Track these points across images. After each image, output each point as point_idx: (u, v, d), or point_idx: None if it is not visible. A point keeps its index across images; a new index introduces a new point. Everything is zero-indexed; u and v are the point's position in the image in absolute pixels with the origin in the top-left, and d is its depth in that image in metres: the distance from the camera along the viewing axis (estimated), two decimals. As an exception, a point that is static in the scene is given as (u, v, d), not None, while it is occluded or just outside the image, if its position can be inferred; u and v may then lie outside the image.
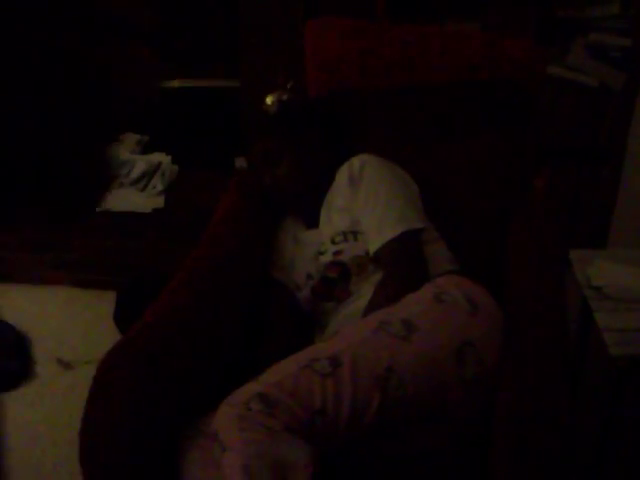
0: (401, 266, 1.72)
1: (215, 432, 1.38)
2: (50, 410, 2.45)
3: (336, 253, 1.82)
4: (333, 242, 1.84)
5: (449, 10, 2.89)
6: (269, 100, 2.70)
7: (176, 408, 1.55)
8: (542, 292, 1.60)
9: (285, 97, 2.70)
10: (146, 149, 3.11)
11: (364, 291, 1.76)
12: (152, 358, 1.56)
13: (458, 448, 1.52)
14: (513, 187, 2.02)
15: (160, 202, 2.80)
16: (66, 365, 2.63)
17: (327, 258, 1.84)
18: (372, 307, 1.65)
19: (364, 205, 1.82)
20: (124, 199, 2.82)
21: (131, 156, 3.02)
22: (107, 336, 2.61)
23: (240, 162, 2.93)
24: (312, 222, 1.97)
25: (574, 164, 2.30)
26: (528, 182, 2.06)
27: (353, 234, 1.83)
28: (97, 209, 2.80)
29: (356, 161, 1.88)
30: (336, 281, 1.81)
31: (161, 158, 2.99)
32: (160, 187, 2.83)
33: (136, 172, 2.90)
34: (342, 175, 1.89)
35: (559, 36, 2.83)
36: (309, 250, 1.92)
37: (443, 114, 2.13)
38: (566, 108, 2.79)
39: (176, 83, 3.24)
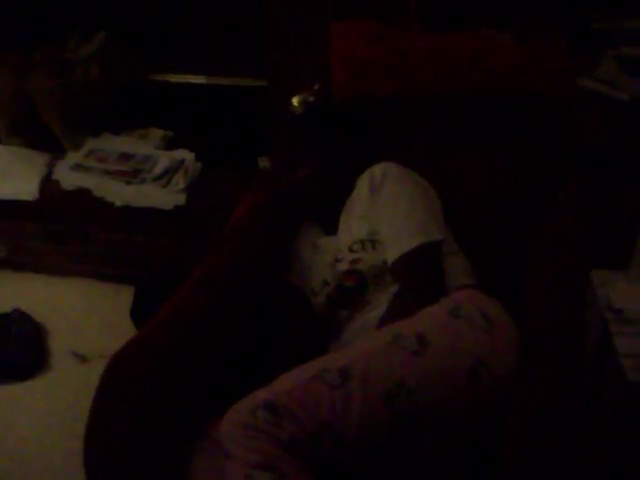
0: (418, 278, 1.70)
1: (220, 438, 1.37)
2: (62, 403, 2.46)
3: (353, 261, 1.80)
4: (351, 250, 1.82)
5: (482, 17, 2.86)
6: (295, 101, 2.68)
7: (184, 410, 1.55)
8: (560, 312, 1.58)
9: (311, 99, 2.68)
10: (170, 145, 3.11)
11: (380, 301, 1.74)
12: (163, 358, 1.57)
13: (468, 465, 1.50)
14: (537, 201, 2.00)
15: (181, 199, 2.79)
16: (81, 358, 2.63)
17: (344, 266, 1.82)
18: (387, 319, 1.64)
19: (383, 214, 1.80)
20: (146, 194, 2.81)
21: (155, 151, 3.01)
22: (124, 331, 2.61)
23: (263, 162, 2.91)
24: (331, 228, 1.96)
25: (600, 179, 2.26)
26: (553, 196, 2.03)
27: (371, 243, 1.81)
28: (118, 203, 2.79)
29: (377, 169, 1.86)
30: (352, 290, 1.79)
31: (185, 155, 2.97)
32: (182, 184, 2.82)
33: (159, 168, 2.89)
34: (363, 183, 1.87)
35: (590, 48, 2.79)
36: (326, 257, 1.90)
37: (470, 124, 2.10)
38: (595, 121, 2.76)
39: (203, 79, 3.24)
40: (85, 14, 3.16)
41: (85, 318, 2.85)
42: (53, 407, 2.45)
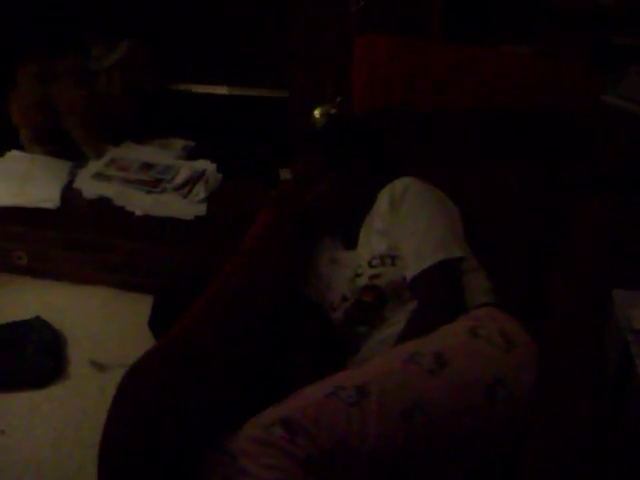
0: (437, 296, 1.69)
1: (235, 453, 1.37)
2: (80, 411, 2.46)
3: (372, 277, 1.80)
4: (370, 265, 1.82)
5: (504, 32, 2.85)
6: (317, 113, 2.69)
7: (200, 423, 1.54)
8: (580, 333, 1.56)
9: (333, 111, 2.68)
10: (191, 155, 3.12)
11: (399, 317, 1.73)
12: (179, 370, 1.56)
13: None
14: (558, 218, 1.98)
15: (202, 210, 2.79)
16: (99, 367, 2.63)
17: (363, 281, 1.81)
18: (405, 336, 1.62)
19: (403, 230, 1.79)
20: (166, 204, 2.82)
21: (176, 161, 3.02)
22: (143, 340, 2.62)
23: (285, 173, 2.91)
24: (350, 243, 1.96)
25: (622, 196, 2.24)
26: (574, 214, 2.02)
27: (391, 258, 1.80)
28: (139, 213, 2.81)
29: (398, 184, 1.86)
30: (371, 305, 1.78)
31: (206, 165, 2.98)
32: (203, 195, 2.82)
33: (180, 178, 2.90)
34: (383, 197, 1.87)
35: (613, 64, 2.78)
36: (346, 271, 1.90)
37: (491, 140, 2.09)
38: (617, 137, 2.74)
39: (225, 90, 3.25)
40: (109, 24, 3.18)
41: (104, 327, 2.86)
42: (70, 415, 2.46)
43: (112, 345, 2.75)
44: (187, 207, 2.82)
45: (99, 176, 2.97)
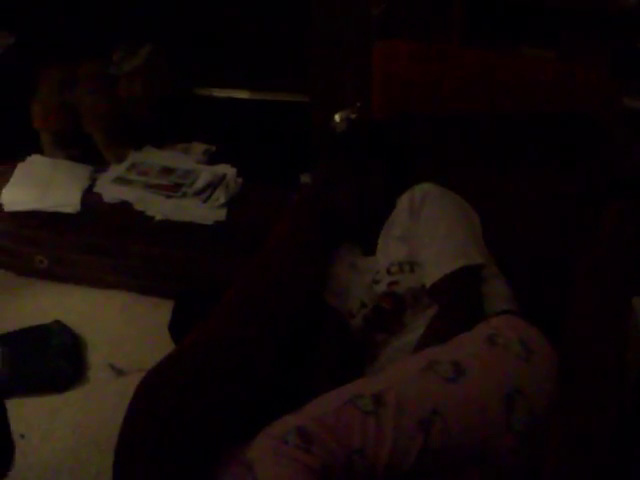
0: (456, 303, 1.67)
1: (250, 462, 1.36)
2: (99, 416, 2.46)
3: (391, 284, 1.78)
4: (389, 272, 1.80)
5: (525, 35, 2.83)
6: (337, 118, 2.68)
7: (215, 431, 1.54)
8: (601, 340, 1.54)
9: (353, 116, 2.67)
10: (212, 159, 3.11)
11: (417, 325, 1.72)
12: (197, 377, 1.56)
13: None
14: (580, 225, 1.95)
15: (222, 214, 2.79)
16: (118, 371, 2.64)
17: (382, 288, 1.80)
18: (423, 344, 1.61)
19: (423, 236, 1.78)
20: (186, 209, 2.81)
21: (197, 166, 3.02)
22: (162, 345, 2.61)
23: (305, 178, 2.90)
24: (369, 249, 1.94)
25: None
26: (597, 220, 1.99)
27: (410, 265, 1.79)
28: (159, 217, 2.81)
29: (418, 190, 1.84)
30: (389, 312, 1.77)
31: (226, 170, 2.97)
32: (223, 199, 2.82)
33: (200, 183, 2.89)
34: (403, 204, 1.86)
35: (635, 66, 2.75)
36: (364, 278, 1.88)
37: (512, 145, 2.08)
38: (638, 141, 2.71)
39: (246, 94, 3.25)
40: (130, 28, 3.19)
41: (124, 331, 2.87)
42: (90, 420, 2.46)
43: (131, 349, 2.75)
44: (207, 212, 2.81)
45: (119, 180, 2.97)
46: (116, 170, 3.03)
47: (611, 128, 2.11)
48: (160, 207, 2.85)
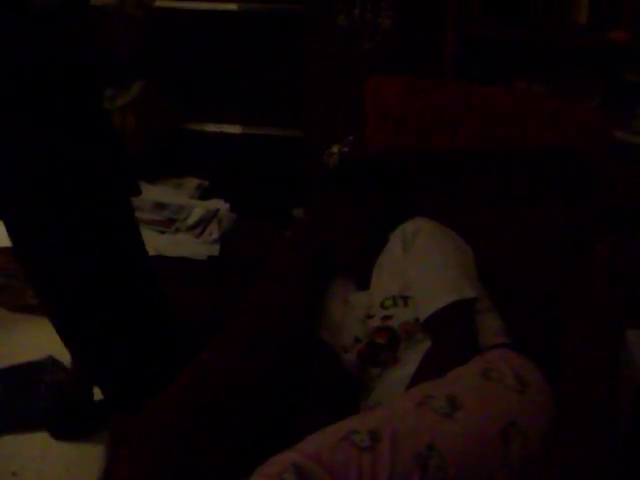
0: (450, 337, 1.67)
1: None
2: (93, 453, 2.42)
3: (385, 318, 1.78)
4: (382, 306, 1.80)
5: (516, 70, 2.86)
6: (330, 152, 2.69)
7: (208, 471, 1.52)
8: (594, 373, 1.54)
9: (346, 150, 2.69)
10: (205, 194, 3.12)
11: (411, 358, 1.71)
12: (188, 416, 1.55)
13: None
14: (573, 258, 1.96)
15: (215, 250, 2.79)
16: (112, 407, 2.61)
17: (375, 322, 1.80)
18: (418, 378, 1.61)
19: (416, 271, 1.78)
20: (179, 244, 2.82)
21: (190, 201, 3.03)
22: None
23: (298, 213, 2.92)
24: (363, 283, 1.94)
25: (635, 235, 2.23)
26: (589, 253, 2.00)
27: (403, 299, 1.79)
28: (152, 253, 2.81)
29: (410, 225, 1.85)
30: (383, 347, 1.77)
31: (219, 205, 2.99)
32: (216, 234, 2.83)
33: (193, 218, 2.90)
34: (395, 238, 1.86)
35: (626, 100, 2.78)
36: (358, 312, 1.88)
37: (503, 180, 2.09)
38: (632, 173, 2.73)
39: (238, 129, 3.27)
40: (123, 63, 3.20)
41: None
42: (83, 457, 2.43)
43: (125, 385, 2.72)
44: (200, 247, 2.82)
45: (112, 216, 2.97)
46: (108, 205, 3.03)
47: (601, 161, 2.12)
48: (153, 242, 2.84)
